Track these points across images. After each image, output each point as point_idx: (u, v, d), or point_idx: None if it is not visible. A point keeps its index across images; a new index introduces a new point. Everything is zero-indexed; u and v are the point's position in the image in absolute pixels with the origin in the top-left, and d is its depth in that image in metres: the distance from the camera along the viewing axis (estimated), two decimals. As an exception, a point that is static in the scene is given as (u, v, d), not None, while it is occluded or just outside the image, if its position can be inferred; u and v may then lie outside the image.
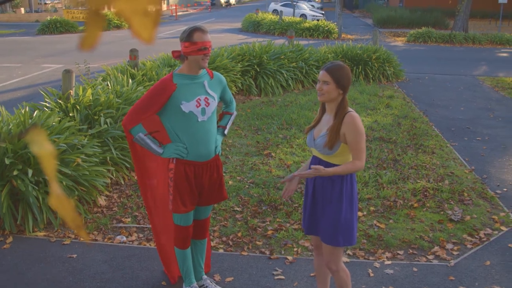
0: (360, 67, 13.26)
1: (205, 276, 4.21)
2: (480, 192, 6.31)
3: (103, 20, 0.81)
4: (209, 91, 3.71)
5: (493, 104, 11.40)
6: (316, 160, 3.47)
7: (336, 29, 25.35)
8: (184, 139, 3.67)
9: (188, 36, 3.54)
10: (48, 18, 28.51)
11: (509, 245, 5.06)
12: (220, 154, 3.93)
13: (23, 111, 5.99)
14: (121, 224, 5.40)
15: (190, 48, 3.54)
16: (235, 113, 4.17)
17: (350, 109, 3.38)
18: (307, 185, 3.59)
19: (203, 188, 3.85)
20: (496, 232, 5.32)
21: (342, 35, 25.73)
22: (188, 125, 3.63)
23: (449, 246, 5.00)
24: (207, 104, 3.68)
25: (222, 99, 4.01)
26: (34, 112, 6.33)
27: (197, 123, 3.64)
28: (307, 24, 25.83)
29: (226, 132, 4.04)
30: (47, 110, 6.51)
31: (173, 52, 3.70)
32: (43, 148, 0.85)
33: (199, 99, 3.64)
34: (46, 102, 6.83)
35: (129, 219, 5.50)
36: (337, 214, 3.38)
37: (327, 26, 25.48)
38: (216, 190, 3.94)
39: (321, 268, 3.80)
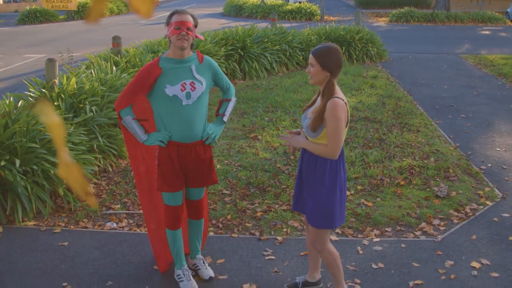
0: (344, 48, 13.28)
1: (199, 256, 4.26)
2: (465, 168, 6.40)
3: None
4: (196, 75, 3.73)
5: (476, 81, 11.50)
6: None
7: (319, 11, 25.33)
8: (168, 120, 3.72)
9: (167, 19, 3.66)
10: (28, 7, 28.14)
11: (494, 219, 5.15)
12: (215, 142, 3.95)
13: (7, 102, 5.95)
14: (110, 211, 5.42)
15: (168, 30, 3.63)
16: (234, 99, 4.13)
17: (338, 94, 3.33)
18: (298, 165, 3.65)
19: (188, 169, 3.89)
20: (481, 207, 5.42)
21: (325, 17, 25.71)
22: (173, 108, 3.69)
23: (436, 222, 5.08)
24: (192, 89, 3.70)
25: (216, 85, 4.01)
26: (18, 102, 6.29)
27: (181, 107, 3.69)
28: (289, 7, 25.78)
29: (225, 119, 4.05)
30: (31, 99, 6.47)
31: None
32: (51, 118, 0.88)
33: (184, 83, 3.68)
34: (30, 92, 6.78)
35: (118, 206, 5.52)
36: (319, 196, 3.42)
37: (309, 8, 25.45)
38: (205, 173, 3.97)
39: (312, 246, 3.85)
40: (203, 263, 4.24)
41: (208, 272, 4.18)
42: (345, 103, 3.33)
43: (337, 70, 3.34)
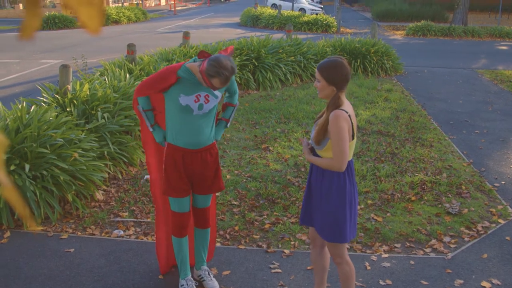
0: (359, 60, 13.23)
1: (204, 267, 4.22)
2: (478, 185, 6.31)
3: (40, 9, 0.81)
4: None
5: (492, 97, 11.39)
6: (313, 152, 3.49)
7: (335, 23, 25.30)
8: (177, 125, 3.74)
9: (211, 76, 3.43)
10: (47, 13, 28.43)
11: (507, 238, 5.06)
12: (217, 140, 4.04)
13: (20, 106, 5.98)
14: (118, 218, 5.40)
15: (205, 77, 3.48)
16: (237, 103, 4.17)
17: (343, 107, 3.29)
18: (308, 176, 3.61)
19: (194, 175, 3.89)
20: (493, 225, 5.33)
21: (341, 29, 25.68)
22: (183, 115, 3.70)
23: (446, 239, 5.00)
24: (206, 101, 3.71)
25: (227, 90, 4.03)
26: (31, 107, 6.32)
27: (191, 116, 3.70)
28: (305, 18, 25.79)
29: (228, 125, 4.11)
30: (44, 105, 6.50)
31: (201, 52, 3.56)
32: None
33: (198, 95, 3.68)
34: (43, 97, 6.82)
35: (126, 213, 5.50)
36: (325, 209, 3.38)
37: (325, 20, 25.43)
38: (212, 180, 3.97)
39: (317, 261, 3.80)
40: (208, 274, 4.19)
41: (213, 284, 4.13)
42: (349, 115, 3.29)
43: (343, 84, 3.30)
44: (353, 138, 3.34)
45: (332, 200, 3.35)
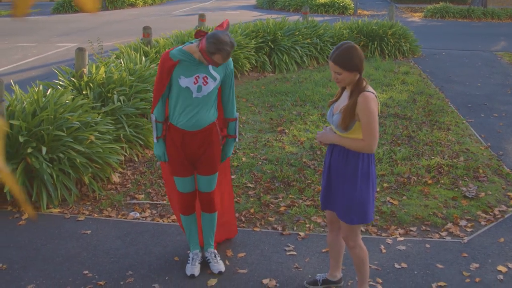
0: (376, 43, 13.09)
1: (211, 249, 4.28)
2: (495, 169, 6.24)
3: None
4: (211, 71, 3.78)
5: (511, 80, 11.22)
6: None
7: (352, 5, 25.02)
8: (177, 107, 3.81)
9: (212, 53, 3.55)
10: (63, -4, 28.43)
11: (524, 221, 5.01)
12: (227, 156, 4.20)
13: (36, 90, 6.02)
14: (134, 201, 5.44)
15: (205, 55, 3.58)
16: (237, 116, 4.14)
17: (367, 87, 3.30)
18: (325, 160, 3.59)
19: (194, 156, 3.95)
20: (511, 209, 5.28)
21: (358, 11, 25.39)
22: (183, 97, 3.77)
23: (462, 223, 4.97)
24: (205, 83, 3.75)
25: (222, 86, 3.96)
26: (48, 90, 6.35)
27: (191, 98, 3.77)
28: (322, 0, 25.51)
29: (237, 140, 4.19)
30: (60, 88, 6.54)
31: (198, 31, 3.67)
32: None
33: (197, 76, 3.73)
34: (59, 80, 6.85)
35: (142, 196, 5.54)
36: (351, 191, 3.37)
37: (342, 2, 25.15)
38: (210, 162, 4.00)
39: (334, 244, 3.81)
40: (215, 256, 4.24)
41: (218, 266, 4.17)
42: (376, 96, 3.30)
43: (362, 66, 3.29)
44: None
45: (357, 181, 3.35)
